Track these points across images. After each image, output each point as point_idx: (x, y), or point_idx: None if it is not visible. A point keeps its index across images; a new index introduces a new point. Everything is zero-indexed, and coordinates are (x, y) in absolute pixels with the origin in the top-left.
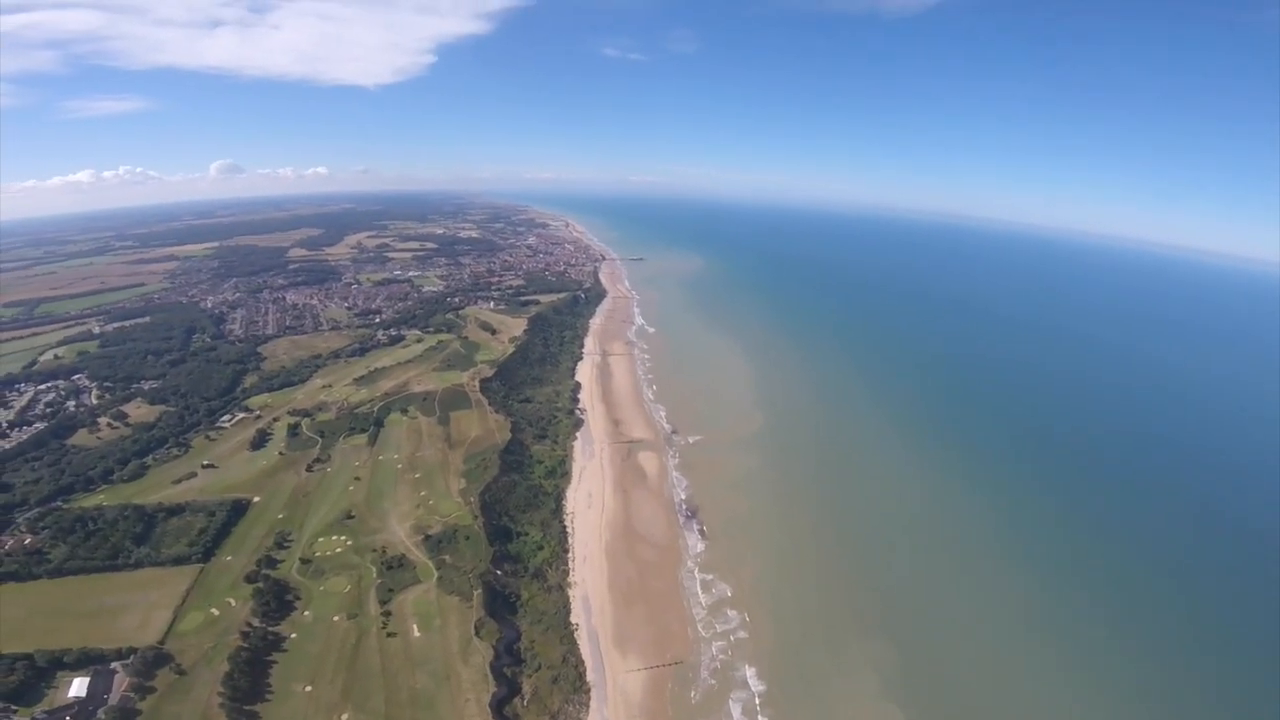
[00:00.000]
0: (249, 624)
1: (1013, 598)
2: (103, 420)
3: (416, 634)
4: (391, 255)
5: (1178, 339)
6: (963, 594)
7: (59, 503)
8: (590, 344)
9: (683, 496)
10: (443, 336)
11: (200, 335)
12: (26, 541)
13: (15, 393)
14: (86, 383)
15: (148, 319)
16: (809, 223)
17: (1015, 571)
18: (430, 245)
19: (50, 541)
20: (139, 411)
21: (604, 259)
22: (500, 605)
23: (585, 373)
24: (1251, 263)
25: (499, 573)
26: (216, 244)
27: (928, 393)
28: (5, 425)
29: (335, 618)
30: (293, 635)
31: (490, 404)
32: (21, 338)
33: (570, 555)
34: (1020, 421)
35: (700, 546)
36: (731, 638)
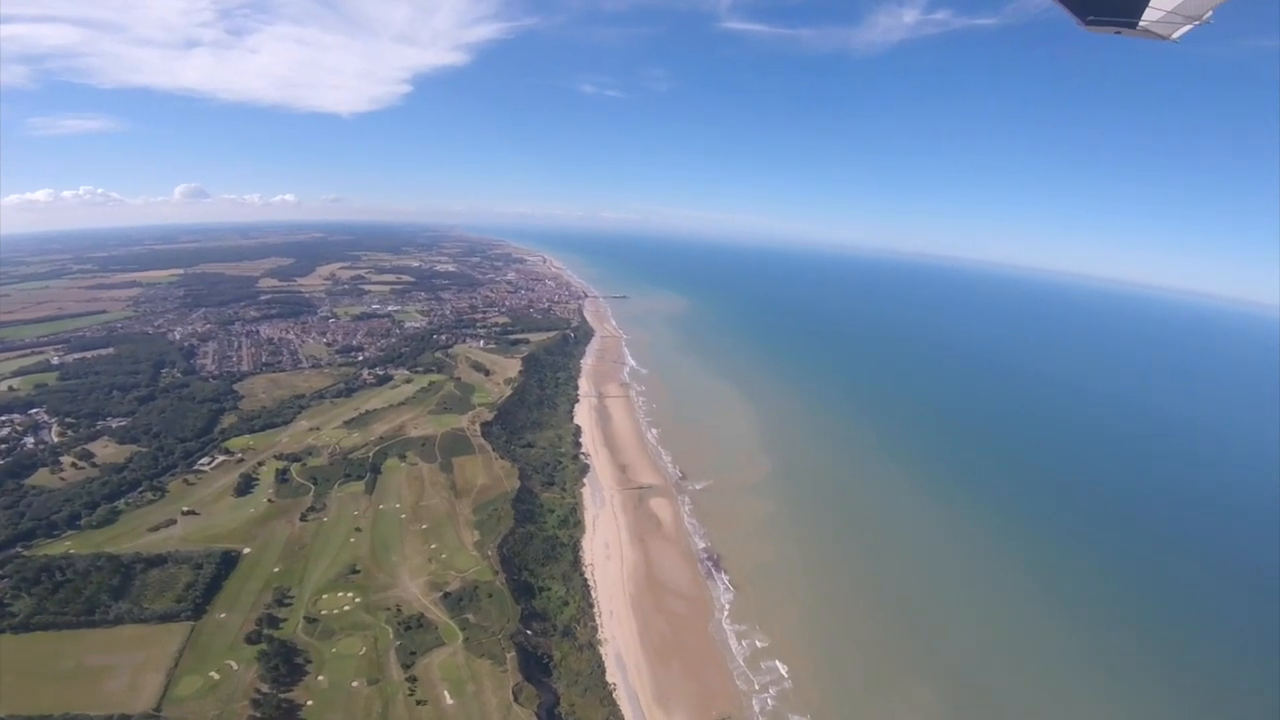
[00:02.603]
0: (258, 690)
1: (1054, 631)
2: (66, 459)
3: (449, 701)
4: (367, 288)
5: (1189, 389)
6: (1007, 630)
7: (19, 549)
8: (585, 385)
9: (702, 545)
10: (434, 377)
11: (170, 370)
12: None
13: None
14: (46, 418)
15: (111, 350)
16: (784, 263)
17: (1052, 605)
18: (407, 278)
19: (12, 592)
20: (106, 451)
21: (586, 296)
22: (534, 667)
23: (584, 416)
24: (1255, 306)
25: (529, 632)
26: (182, 271)
27: (926, 435)
28: None
29: (354, 683)
30: (309, 702)
31: (494, 449)
32: None
33: (596, 610)
34: (1026, 463)
35: (729, 597)
36: (776, 689)
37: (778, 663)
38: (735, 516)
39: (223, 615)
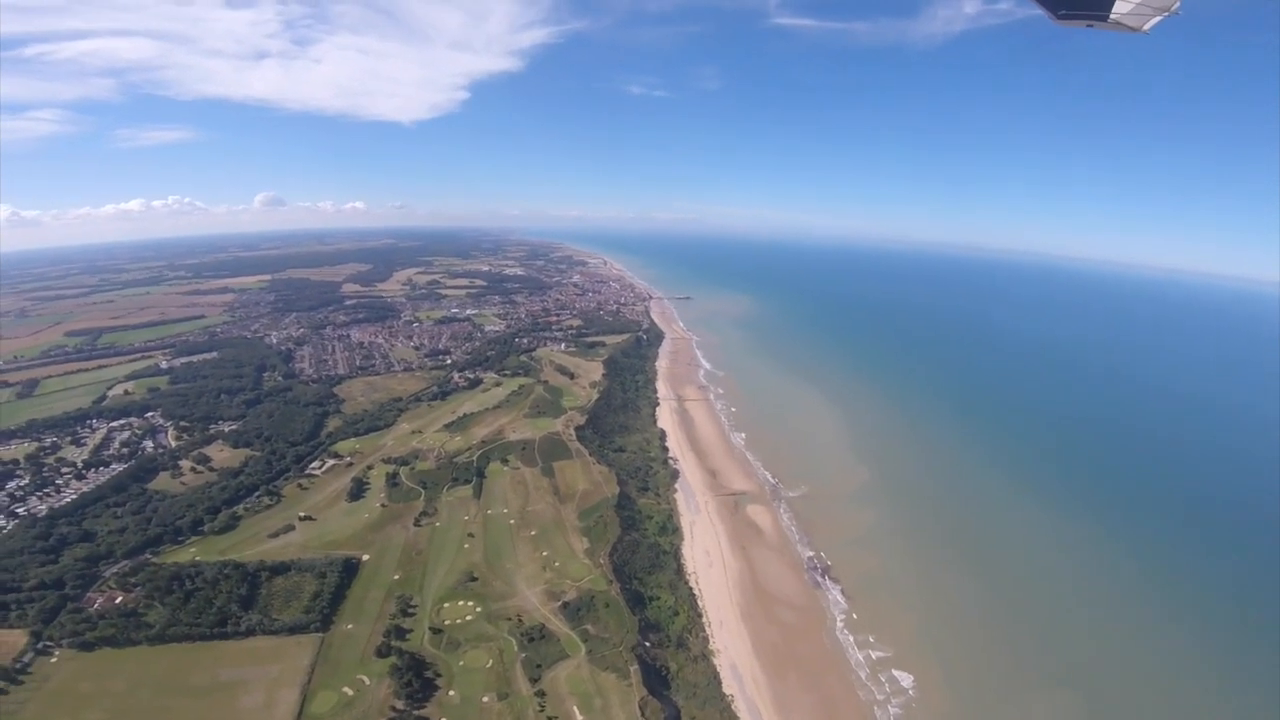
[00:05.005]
0: (393, 707)
1: (1184, 638)
2: (185, 463)
3: (580, 717)
4: (444, 292)
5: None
6: (1134, 639)
7: (148, 555)
8: (663, 388)
9: (808, 554)
10: (522, 380)
11: (271, 374)
12: (118, 600)
13: (88, 429)
14: (161, 421)
15: (215, 354)
16: (845, 259)
17: (1180, 611)
18: (480, 283)
19: (145, 601)
20: (222, 455)
21: (651, 298)
22: (654, 680)
23: (666, 419)
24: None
25: (647, 644)
26: (269, 277)
27: (1017, 436)
28: (81, 465)
29: (484, 698)
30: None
31: (589, 453)
32: (87, 370)
33: (705, 620)
34: (1136, 467)
35: (842, 606)
36: (900, 700)
37: (898, 673)
38: (837, 525)
39: (350, 626)
